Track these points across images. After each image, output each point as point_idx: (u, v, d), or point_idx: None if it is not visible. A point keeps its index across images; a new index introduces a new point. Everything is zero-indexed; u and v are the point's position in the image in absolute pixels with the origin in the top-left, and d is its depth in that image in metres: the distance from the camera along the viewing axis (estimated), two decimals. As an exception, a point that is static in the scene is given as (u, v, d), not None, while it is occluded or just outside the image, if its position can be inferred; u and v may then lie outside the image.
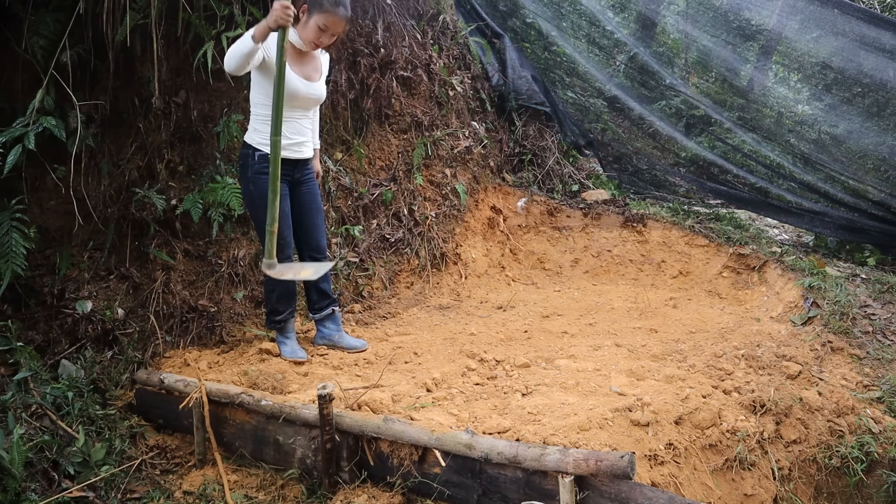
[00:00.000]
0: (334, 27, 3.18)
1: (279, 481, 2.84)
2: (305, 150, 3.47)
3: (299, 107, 3.35)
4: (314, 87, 3.36)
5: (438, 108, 5.45)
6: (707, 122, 6.55)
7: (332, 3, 3.13)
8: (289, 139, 3.31)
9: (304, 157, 3.48)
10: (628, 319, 4.33)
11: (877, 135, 5.39)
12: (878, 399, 3.34)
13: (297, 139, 3.40)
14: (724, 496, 2.79)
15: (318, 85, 3.40)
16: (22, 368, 3.05)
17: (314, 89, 3.36)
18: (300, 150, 3.44)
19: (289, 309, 3.58)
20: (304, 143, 3.46)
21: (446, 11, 5.69)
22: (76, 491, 2.71)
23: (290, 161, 3.39)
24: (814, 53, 5.91)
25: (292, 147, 3.37)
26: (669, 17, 7.29)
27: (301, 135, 3.41)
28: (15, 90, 3.37)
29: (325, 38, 3.21)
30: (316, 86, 3.38)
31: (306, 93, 3.32)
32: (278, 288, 3.49)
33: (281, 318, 3.56)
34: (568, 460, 2.26)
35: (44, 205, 3.51)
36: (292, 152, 3.38)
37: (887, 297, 4.22)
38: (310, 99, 3.37)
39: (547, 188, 6.14)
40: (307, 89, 3.32)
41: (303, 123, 3.42)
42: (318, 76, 3.41)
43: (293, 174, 3.46)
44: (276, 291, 3.51)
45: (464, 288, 5.06)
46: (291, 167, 3.42)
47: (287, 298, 3.56)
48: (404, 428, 2.59)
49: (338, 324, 3.76)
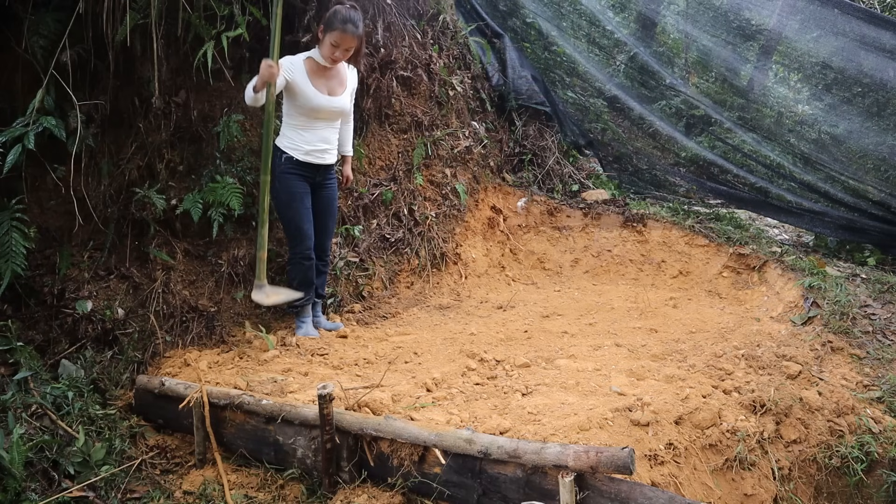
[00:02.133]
0: (345, 43, 3.53)
1: (279, 481, 2.84)
2: (328, 157, 3.83)
3: (323, 118, 3.73)
4: (336, 100, 3.72)
5: (438, 108, 5.45)
6: (707, 122, 6.55)
7: (341, 21, 3.49)
8: (313, 146, 3.74)
9: (326, 162, 3.83)
10: (628, 319, 4.33)
11: (877, 135, 5.39)
12: (878, 399, 3.33)
13: (321, 146, 3.77)
14: (724, 496, 2.79)
15: (341, 98, 3.76)
16: (22, 368, 3.05)
17: (336, 103, 3.73)
18: (322, 157, 3.80)
19: (307, 296, 3.88)
20: (328, 151, 3.82)
21: (446, 11, 5.69)
22: (76, 491, 2.71)
23: (313, 165, 3.78)
24: (814, 53, 5.91)
25: (315, 153, 3.76)
26: (669, 16, 7.30)
27: (325, 142, 3.78)
28: (15, 90, 3.38)
29: (340, 54, 3.57)
30: (338, 99, 3.74)
31: (328, 106, 3.70)
32: (299, 276, 3.85)
33: (299, 303, 3.87)
34: (568, 453, 2.27)
35: (44, 205, 3.51)
36: (315, 158, 3.76)
37: (887, 297, 4.22)
38: (333, 111, 3.74)
39: (547, 188, 6.14)
40: (329, 103, 3.69)
41: (327, 132, 3.79)
42: (343, 90, 3.77)
43: (315, 177, 3.83)
44: (297, 279, 3.86)
45: (464, 288, 5.06)
46: (314, 171, 3.80)
47: (306, 285, 3.86)
48: (404, 426, 2.59)
49: (318, 311, 4.15)
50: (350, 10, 3.53)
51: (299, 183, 3.74)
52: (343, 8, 3.53)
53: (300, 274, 3.85)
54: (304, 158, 3.72)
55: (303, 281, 3.85)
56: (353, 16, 3.53)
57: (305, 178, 3.77)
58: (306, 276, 3.86)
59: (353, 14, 3.53)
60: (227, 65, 3.74)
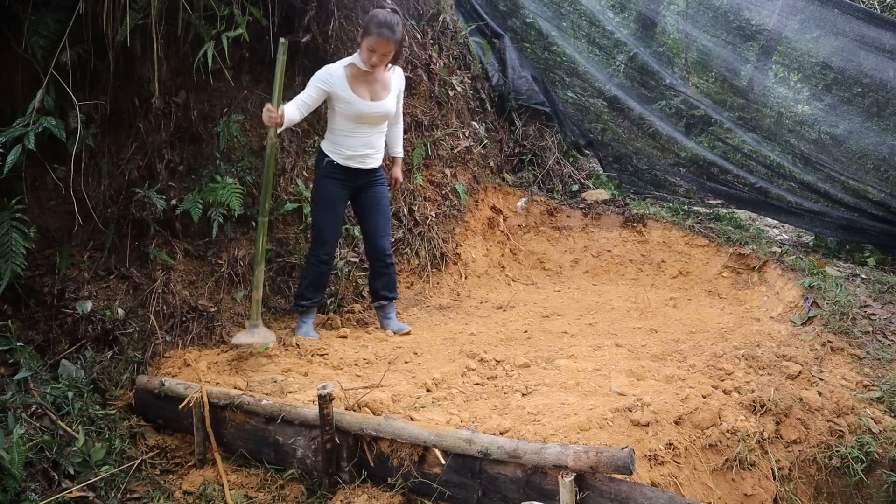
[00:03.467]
0: (381, 48, 3.51)
1: (279, 481, 2.84)
2: (370, 162, 3.81)
3: (366, 123, 3.72)
4: (378, 105, 3.70)
5: (438, 108, 5.45)
6: (707, 122, 6.55)
7: (377, 26, 3.47)
8: (355, 151, 3.73)
9: (369, 167, 3.82)
10: (628, 319, 4.33)
11: (877, 135, 5.39)
12: (878, 399, 3.34)
13: (364, 151, 3.76)
14: (724, 496, 2.79)
15: (384, 102, 3.74)
16: (22, 368, 3.05)
17: (378, 107, 3.71)
18: (364, 162, 3.79)
19: (315, 298, 3.90)
20: (371, 156, 3.81)
21: (446, 11, 5.69)
22: (76, 491, 2.71)
23: (354, 170, 3.77)
24: (814, 53, 5.91)
25: (357, 158, 3.75)
26: (669, 17, 7.30)
27: (369, 147, 3.77)
28: (15, 90, 3.38)
29: (377, 58, 3.55)
30: (381, 104, 3.72)
31: (370, 112, 3.68)
32: (310, 277, 3.86)
33: (305, 304, 3.88)
34: (568, 453, 2.26)
35: (44, 205, 3.51)
36: (356, 163, 3.76)
37: (887, 297, 4.22)
38: (376, 116, 3.73)
39: (547, 188, 6.14)
40: (370, 109, 3.68)
41: (372, 137, 3.77)
42: (387, 93, 3.75)
43: (356, 182, 3.83)
44: (307, 279, 3.87)
45: (464, 288, 5.06)
46: (354, 176, 3.80)
47: (315, 289, 3.89)
48: (404, 426, 2.59)
49: (386, 313, 4.11)
50: (388, 14, 3.49)
51: (337, 189, 3.76)
52: (381, 12, 3.49)
53: (312, 275, 3.85)
54: (345, 163, 3.72)
55: (312, 282, 3.86)
56: (391, 20, 3.48)
57: (345, 182, 3.77)
58: (318, 278, 3.87)
59: (390, 18, 3.48)
60: (227, 65, 3.73)
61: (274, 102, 3.40)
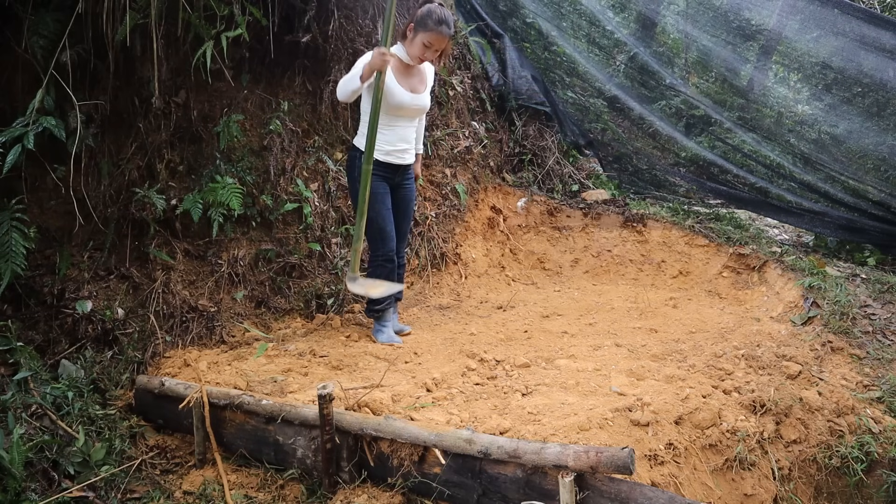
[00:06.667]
0: (438, 44, 3.53)
1: (279, 481, 2.84)
2: (407, 157, 3.80)
3: (404, 116, 3.69)
4: (419, 98, 3.69)
5: (438, 108, 5.45)
6: (707, 122, 6.54)
7: (436, 22, 3.47)
8: (394, 146, 3.69)
9: (406, 162, 3.80)
10: (628, 319, 4.33)
11: (877, 135, 5.39)
12: (878, 399, 3.34)
13: (401, 146, 3.73)
14: (724, 496, 2.79)
15: (423, 96, 3.73)
16: (22, 368, 3.05)
17: (419, 100, 3.70)
18: (402, 157, 3.76)
19: (388, 300, 3.86)
20: (407, 150, 3.78)
21: (446, 11, 5.69)
22: (76, 491, 2.71)
23: (392, 165, 3.73)
24: (814, 53, 5.91)
25: (396, 153, 3.71)
26: (669, 17, 7.29)
27: (405, 142, 3.74)
28: (15, 90, 3.37)
29: (430, 54, 3.58)
30: (421, 97, 3.71)
31: (411, 104, 3.66)
32: (380, 278, 3.76)
33: (380, 307, 3.87)
34: (568, 453, 2.27)
35: (44, 205, 3.51)
36: (395, 158, 3.72)
37: (887, 297, 4.22)
38: (416, 109, 3.71)
39: (547, 188, 6.14)
40: (412, 101, 3.65)
41: (407, 131, 3.74)
42: (424, 88, 3.74)
43: (394, 178, 3.79)
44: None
45: (464, 288, 5.06)
46: (393, 171, 3.75)
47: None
48: (404, 426, 2.59)
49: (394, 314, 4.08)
50: (444, 11, 3.50)
51: (380, 184, 3.67)
52: (437, 8, 3.50)
53: (382, 275, 3.76)
54: (385, 159, 3.66)
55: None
56: (447, 16, 3.50)
57: (386, 178, 3.71)
58: (388, 277, 3.77)
59: (446, 14, 3.50)
60: (227, 65, 3.74)
61: (386, 44, 3.27)
